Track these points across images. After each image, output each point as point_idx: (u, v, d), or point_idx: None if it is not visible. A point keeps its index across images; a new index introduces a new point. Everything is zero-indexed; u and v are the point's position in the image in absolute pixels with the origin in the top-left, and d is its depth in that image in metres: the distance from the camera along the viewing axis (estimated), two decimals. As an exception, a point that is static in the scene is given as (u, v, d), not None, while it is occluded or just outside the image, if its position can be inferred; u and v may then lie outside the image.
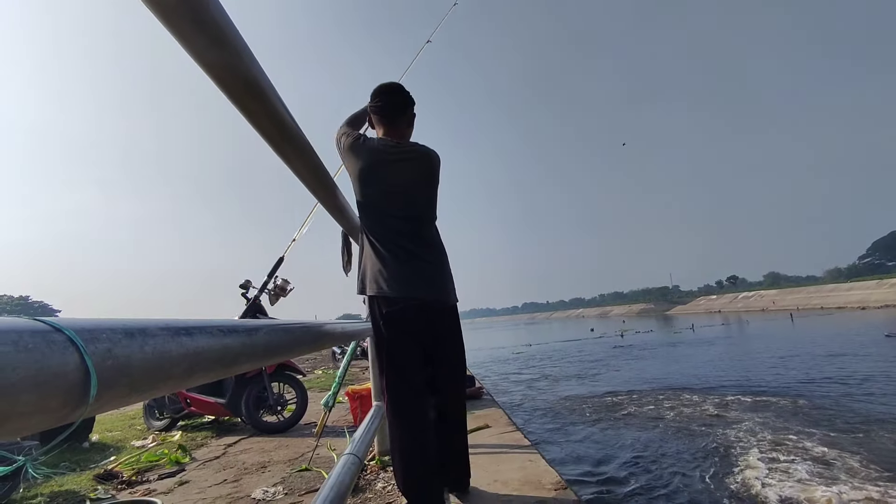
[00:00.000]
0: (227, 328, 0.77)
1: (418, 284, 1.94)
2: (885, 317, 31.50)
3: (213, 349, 0.69)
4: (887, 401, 8.28)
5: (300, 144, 1.32)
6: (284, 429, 4.03)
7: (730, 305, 79.86)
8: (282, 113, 1.15)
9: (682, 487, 4.79)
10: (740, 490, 4.63)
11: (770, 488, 4.55)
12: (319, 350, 1.68)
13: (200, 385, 4.13)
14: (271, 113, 1.10)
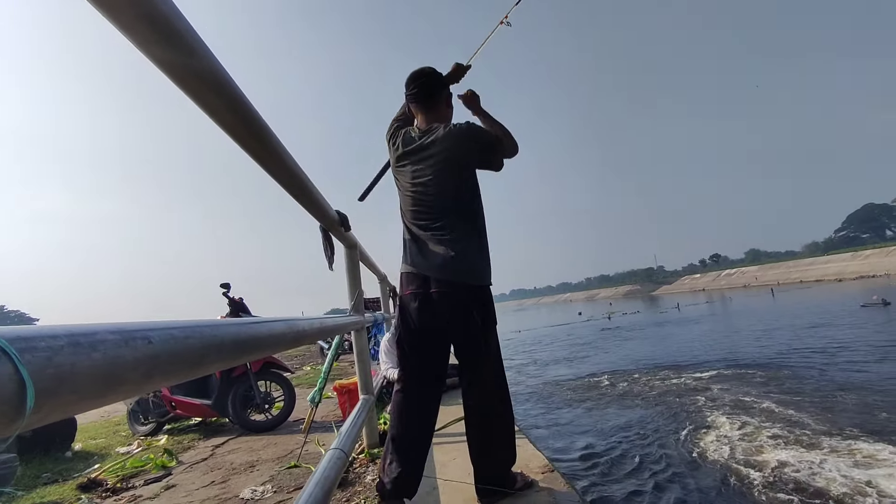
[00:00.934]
0: (188, 329, 0.74)
1: (418, 263, 1.99)
2: (860, 287, 32.40)
3: (174, 351, 0.67)
4: (863, 367, 8.61)
5: (266, 139, 1.29)
6: (273, 427, 4.01)
7: (713, 283, 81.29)
8: (245, 108, 1.12)
9: (663, 463, 4.97)
10: (710, 456, 4.94)
11: (734, 451, 4.94)
12: (296, 347, 1.66)
13: (185, 387, 4.10)
14: (233, 108, 1.07)
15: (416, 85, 2.04)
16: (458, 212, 1.98)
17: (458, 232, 1.95)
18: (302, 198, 1.86)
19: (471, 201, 2.02)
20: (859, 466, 4.21)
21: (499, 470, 1.99)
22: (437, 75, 2.08)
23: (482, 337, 1.96)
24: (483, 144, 2.00)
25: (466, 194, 2.01)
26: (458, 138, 1.95)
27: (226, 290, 4.23)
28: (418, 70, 2.07)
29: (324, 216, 2.20)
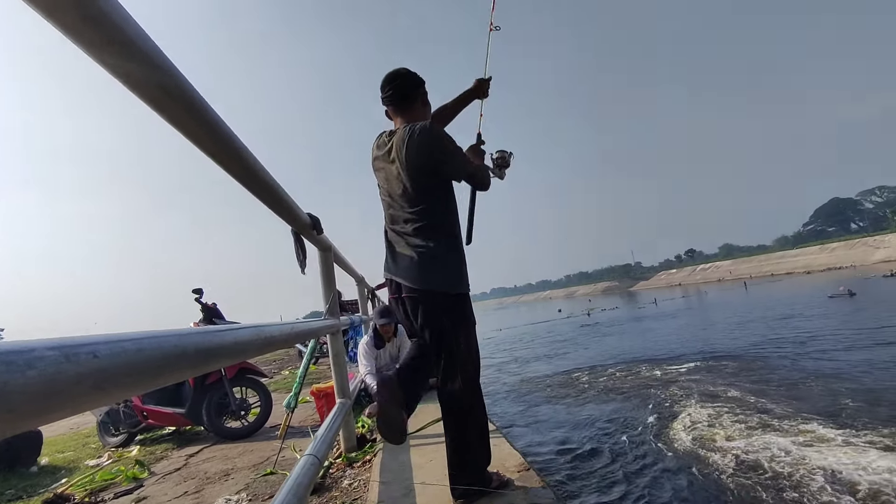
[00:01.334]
0: (142, 340, 0.72)
1: (390, 268, 2.03)
2: (827, 279, 33.44)
3: (125, 365, 0.65)
4: (833, 356, 8.91)
5: (225, 140, 1.26)
6: (249, 434, 3.94)
7: (689, 278, 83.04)
8: (205, 113, 1.10)
9: (633, 454, 5.15)
10: (679, 445, 5.17)
11: (702, 438, 5.20)
12: (263, 354, 1.62)
13: (157, 396, 4.01)
14: (193, 115, 1.05)
15: (390, 87, 2.03)
16: (427, 217, 1.95)
17: (426, 238, 1.93)
18: (269, 201, 1.83)
19: (440, 205, 1.98)
20: (808, 446, 4.55)
21: (474, 469, 1.99)
22: (412, 76, 2.06)
23: (454, 338, 1.95)
24: (438, 150, 1.93)
25: (435, 198, 1.97)
26: (412, 140, 1.92)
27: (198, 295, 4.14)
28: (392, 72, 2.06)
29: (294, 219, 2.17)
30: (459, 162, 1.99)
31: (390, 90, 2.03)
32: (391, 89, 2.03)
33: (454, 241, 2.01)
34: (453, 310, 1.95)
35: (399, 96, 2.03)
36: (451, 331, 1.95)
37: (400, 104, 2.04)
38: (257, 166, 1.56)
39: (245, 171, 1.49)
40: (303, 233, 2.42)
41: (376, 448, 3.02)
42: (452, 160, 1.97)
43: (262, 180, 1.64)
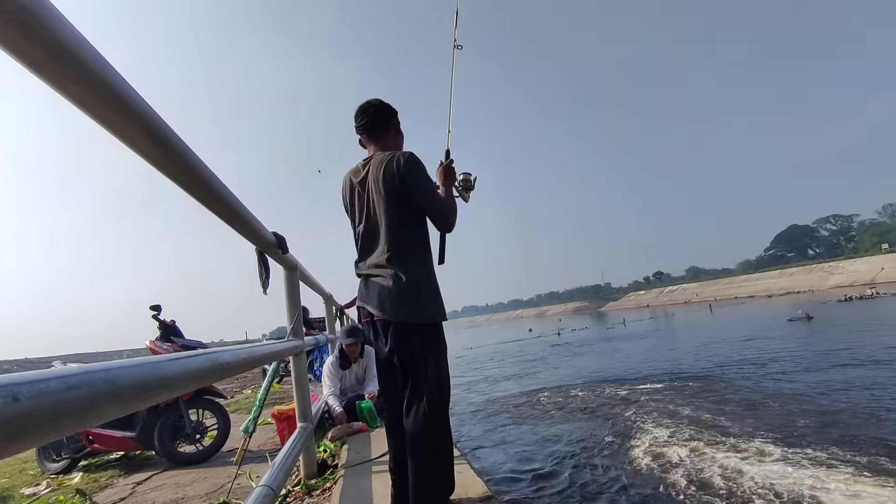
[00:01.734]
0: (69, 378, 0.66)
1: (363, 297, 2.04)
2: (787, 303, 34.70)
3: (50, 407, 0.59)
4: (791, 377, 9.23)
5: (181, 156, 1.21)
6: (204, 459, 3.76)
7: (657, 300, 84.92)
8: (158, 128, 1.05)
9: (592, 475, 5.25)
10: (640, 465, 5.31)
11: (661, 458, 5.38)
12: (215, 381, 1.55)
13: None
14: (144, 130, 0.99)
15: (364, 117, 2.10)
16: (401, 246, 1.95)
17: (399, 267, 1.92)
18: (232, 220, 1.77)
19: (414, 234, 1.98)
20: (757, 464, 4.82)
21: (437, 499, 1.94)
22: (384, 106, 2.12)
23: (422, 363, 1.93)
24: (416, 181, 1.94)
25: (409, 226, 1.97)
26: (391, 166, 1.94)
27: (156, 312, 3.97)
28: (365, 102, 2.12)
29: (258, 239, 2.11)
30: (432, 198, 1.99)
31: (364, 119, 2.09)
32: (365, 118, 2.09)
33: (428, 270, 2.01)
34: (424, 336, 1.94)
35: (372, 125, 2.09)
36: (421, 355, 1.93)
37: (373, 133, 2.10)
38: (218, 184, 1.51)
39: (204, 189, 1.44)
40: (267, 252, 2.36)
41: (337, 475, 2.91)
42: (425, 194, 1.96)
43: (223, 199, 1.59)
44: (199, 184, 1.40)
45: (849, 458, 4.80)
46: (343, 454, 3.36)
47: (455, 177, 2.19)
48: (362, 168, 2.07)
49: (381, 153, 2.03)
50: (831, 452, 4.98)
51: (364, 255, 2.04)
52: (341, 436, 3.78)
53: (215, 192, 1.51)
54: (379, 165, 1.97)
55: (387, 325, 1.97)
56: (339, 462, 3.20)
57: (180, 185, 1.32)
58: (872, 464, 4.57)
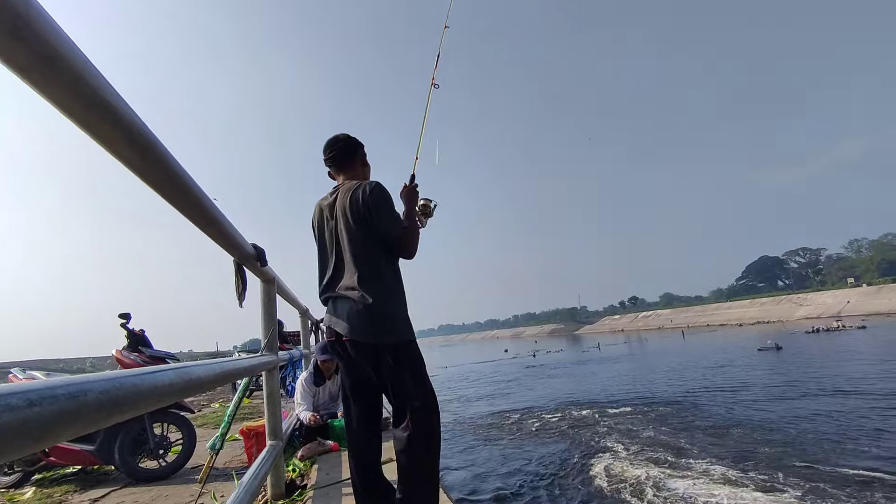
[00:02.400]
0: (27, 394, 0.63)
1: (332, 319, 2.06)
2: (757, 332, 35.49)
3: (9, 425, 0.56)
4: (760, 406, 9.46)
5: (162, 163, 1.18)
6: (167, 476, 3.60)
7: (631, 325, 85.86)
8: (140, 134, 1.02)
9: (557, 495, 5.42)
10: (605, 488, 5.55)
11: (624, 480, 5.66)
12: (187, 397, 1.49)
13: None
14: (128, 135, 0.97)
15: (332, 150, 2.21)
16: (367, 268, 1.99)
17: (368, 290, 1.95)
18: (210, 230, 1.74)
19: (380, 257, 2.02)
20: (715, 488, 5.15)
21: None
22: (351, 139, 2.25)
23: (399, 382, 1.94)
24: (383, 209, 2.02)
25: (374, 250, 2.02)
26: (359, 194, 2.02)
27: (125, 320, 3.84)
28: (333, 137, 2.25)
29: (237, 250, 2.07)
30: (395, 225, 2.04)
31: (332, 153, 2.21)
32: (333, 152, 2.21)
33: (397, 292, 2.05)
34: (397, 355, 1.95)
35: (340, 158, 2.21)
36: (397, 374, 1.94)
37: (341, 164, 2.22)
38: (198, 191, 1.48)
39: (183, 196, 1.41)
40: (246, 264, 2.32)
41: (306, 496, 2.83)
42: (389, 221, 2.02)
43: (202, 207, 1.56)
44: (180, 193, 1.37)
45: (793, 482, 5.12)
46: (313, 474, 3.27)
47: (417, 199, 2.26)
48: (331, 197, 2.16)
49: (349, 182, 2.14)
50: (784, 479, 5.26)
51: (333, 281, 2.07)
52: (311, 455, 3.68)
53: (197, 202, 1.48)
54: (347, 193, 2.06)
55: (356, 346, 1.99)
56: (309, 483, 3.11)
57: (161, 194, 1.29)
58: (818, 490, 4.87)
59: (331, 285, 2.07)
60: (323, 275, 2.13)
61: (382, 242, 2.03)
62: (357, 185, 2.06)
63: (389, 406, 2.08)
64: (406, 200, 2.21)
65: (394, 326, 1.96)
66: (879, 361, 14.21)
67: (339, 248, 2.06)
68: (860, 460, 5.76)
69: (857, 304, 48.80)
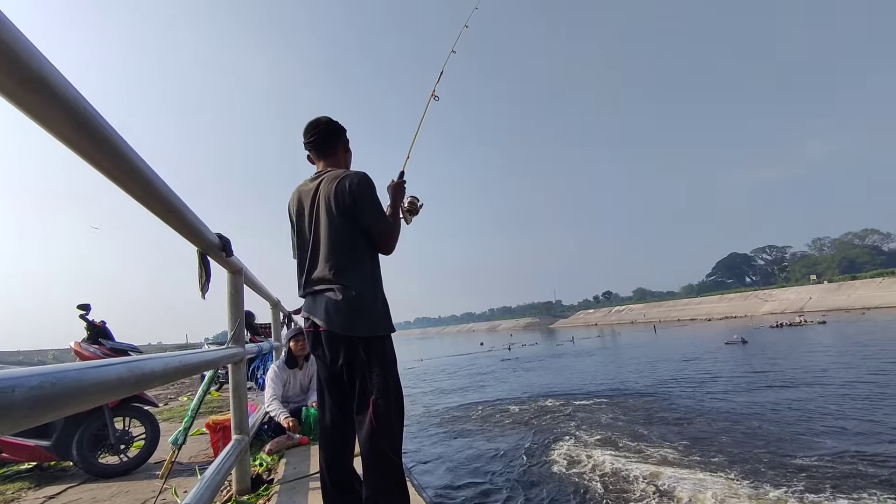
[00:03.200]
0: None
1: (310, 309, 2.03)
2: (725, 326, 36.56)
3: None
4: (724, 397, 9.79)
5: (116, 151, 1.12)
6: (128, 471, 3.49)
7: (605, 319, 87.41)
8: (84, 115, 0.96)
9: (532, 497, 5.42)
10: (572, 476, 5.75)
11: (590, 468, 5.87)
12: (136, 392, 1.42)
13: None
14: (68, 116, 0.91)
15: (312, 133, 2.13)
16: (349, 260, 1.96)
17: (347, 282, 1.93)
18: (170, 218, 1.67)
19: (360, 249, 1.99)
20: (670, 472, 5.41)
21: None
22: (333, 123, 2.16)
23: (368, 373, 1.92)
24: (368, 200, 1.97)
25: (358, 242, 1.98)
26: (345, 183, 1.96)
27: (84, 311, 3.70)
28: (314, 120, 2.16)
29: (200, 240, 2.00)
30: (379, 220, 2.00)
31: (312, 136, 2.12)
32: (313, 135, 2.12)
33: (377, 284, 2.02)
34: (371, 349, 1.94)
35: (321, 142, 2.13)
36: (367, 368, 1.92)
37: (322, 149, 2.14)
38: (156, 179, 1.42)
39: (140, 183, 1.35)
40: (210, 254, 2.24)
41: (272, 490, 2.78)
42: (374, 214, 1.98)
43: (160, 195, 1.49)
44: (133, 179, 1.31)
45: (748, 468, 5.38)
46: (280, 469, 3.22)
47: (403, 195, 2.25)
48: (312, 183, 2.08)
49: (333, 170, 2.07)
50: (739, 463, 5.57)
51: (311, 270, 2.02)
52: (279, 449, 3.63)
53: (153, 189, 1.42)
54: (332, 181, 1.99)
55: (332, 337, 1.96)
56: (276, 477, 3.06)
57: (113, 179, 1.23)
58: (765, 476, 5.11)
59: (310, 275, 2.02)
60: (301, 263, 2.07)
61: (364, 235, 1.99)
62: (344, 174, 2.00)
63: None
64: (393, 195, 2.20)
65: (370, 320, 1.94)
66: (838, 354, 14.79)
67: (318, 237, 2.00)
68: (815, 446, 6.04)
69: (819, 300, 50.71)
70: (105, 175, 1.20)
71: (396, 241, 2.09)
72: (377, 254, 2.07)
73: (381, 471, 1.90)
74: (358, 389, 1.94)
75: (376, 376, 1.92)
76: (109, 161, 1.16)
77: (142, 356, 1.36)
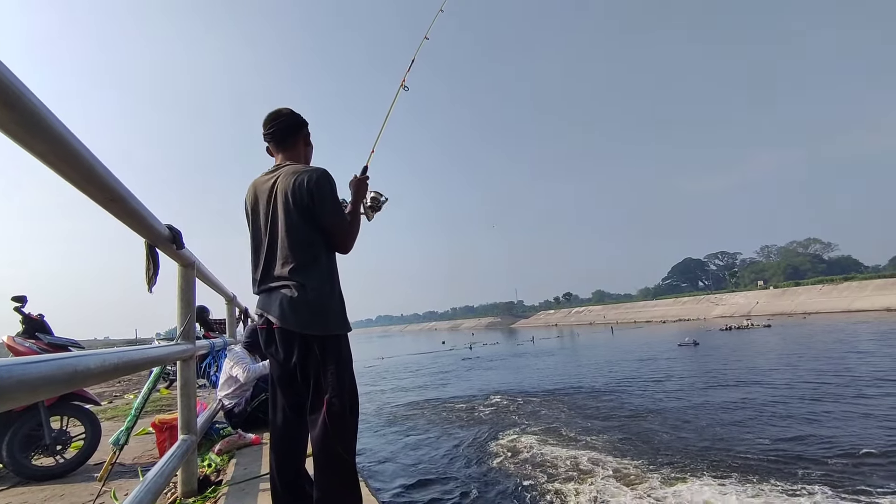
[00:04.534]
0: None
1: (264, 306, 1.99)
2: (678, 329, 37.90)
3: None
4: (675, 394, 10.25)
5: (50, 132, 1.05)
6: (64, 473, 3.30)
7: (565, 319, 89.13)
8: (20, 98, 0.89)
9: (472, 480, 5.74)
10: (518, 470, 5.93)
11: (534, 464, 6.04)
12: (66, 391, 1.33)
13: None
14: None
15: (272, 125, 2.07)
16: (303, 256, 1.91)
17: (303, 279, 1.89)
18: (113, 207, 1.58)
19: (317, 246, 1.94)
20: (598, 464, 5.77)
21: None
22: (294, 115, 2.11)
23: (322, 371, 1.89)
24: (328, 198, 1.92)
25: (311, 239, 1.93)
26: (298, 179, 1.92)
27: (19, 304, 3.48)
28: (275, 111, 2.10)
29: (148, 231, 1.91)
30: (337, 218, 1.97)
31: (272, 128, 2.07)
32: (273, 127, 2.06)
33: (333, 282, 1.98)
34: (326, 347, 1.90)
35: (281, 134, 2.07)
36: (322, 366, 1.89)
37: (282, 142, 2.08)
38: (99, 169, 1.34)
39: (79, 168, 1.27)
40: (159, 246, 2.15)
41: (219, 493, 2.69)
42: (332, 212, 1.94)
43: (102, 182, 1.41)
44: (72, 165, 1.23)
45: (684, 462, 5.70)
46: (230, 470, 3.12)
47: (366, 191, 2.21)
48: (269, 177, 2.02)
49: (292, 164, 2.02)
50: (679, 458, 5.90)
51: (267, 267, 1.97)
52: (230, 448, 3.52)
53: (94, 175, 1.34)
54: (289, 176, 1.94)
55: (286, 334, 1.91)
56: (225, 478, 2.96)
57: (49, 164, 1.16)
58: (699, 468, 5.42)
59: (265, 272, 1.97)
60: (256, 260, 2.02)
61: (321, 233, 1.95)
62: (303, 170, 1.95)
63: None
64: (354, 192, 2.16)
65: (325, 318, 1.91)
66: (779, 356, 15.60)
67: (274, 234, 1.95)
68: (758, 436, 6.52)
69: (765, 305, 53.23)
70: (40, 160, 1.12)
71: (354, 241, 2.06)
72: (334, 253, 2.03)
73: (334, 471, 1.87)
74: (312, 388, 1.90)
75: (331, 375, 1.89)
76: (44, 144, 1.09)
77: (77, 352, 1.28)
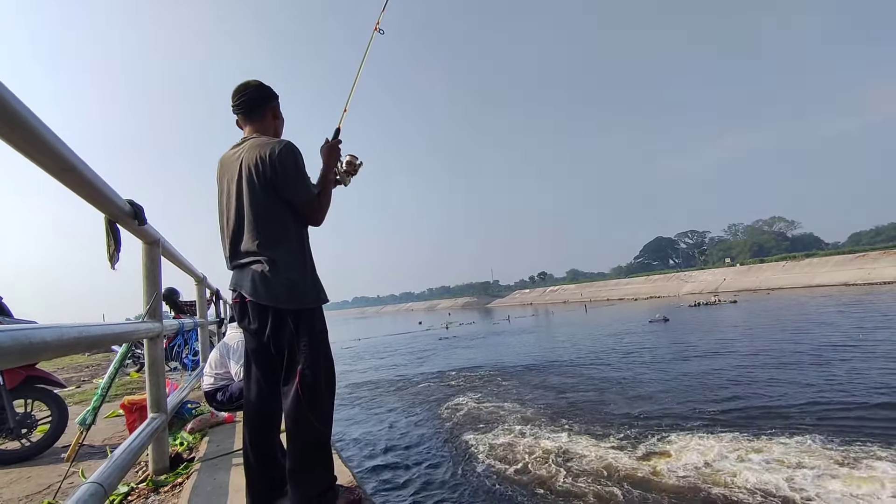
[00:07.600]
0: None
1: (236, 281, 1.97)
2: (649, 306, 38.94)
3: None
4: (644, 368, 10.61)
5: None
6: (30, 456, 3.24)
7: (540, 298, 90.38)
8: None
9: (441, 458, 5.87)
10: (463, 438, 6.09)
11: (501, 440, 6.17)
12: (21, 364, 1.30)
13: None
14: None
15: (241, 96, 2.02)
16: (272, 230, 1.88)
17: (274, 253, 1.86)
18: (66, 177, 1.52)
19: (285, 218, 1.91)
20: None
21: (314, 485, 1.87)
22: (264, 88, 2.05)
23: (296, 343, 1.88)
24: (291, 171, 1.88)
25: (279, 212, 1.90)
26: (261, 152, 1.87)
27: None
28: (244, 82, 2.04)
29: (106, 205, 1.86)
30: (303, 190, 1.93)
31: (241, 98, 2.02)
32: (241, 97, 2.02)
33: (304, 254, 1.96)
34: (299, 320, 1.89)
35: (249, 106, 2.02)
36: (295, 339, 1.88)
37: (250, 114, 2.04)
38: (47, 136, 1.29)
39: (29, 143, 1.22)
40: (119, 221, 2.09)
41: (191, 469, 2.69)
42: (297, 185, 1.90)
43: (54, 152, 1.36)
44: (13, 128, 1.18)
45: (646, 426, 6.11)
46: (202, 447, 3.12)
47: (338, 157, 2.14)
48: (236, 151, 1.98)
49: (257, 137, 1.97)
50: (641, 425, 6.26)
51: (235, 242, 1.94)
52: (202, 427, 3.50)
53: (40, 142, 1.28)
54: (253, 149, 1.90)
55: (258, 308, 1.90)
56: (197, 455, 2.96)
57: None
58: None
59: (235, 248, 1.94)
60: (224, 235, 1.99)
61: (289, 205, 1.92)
62: (266, 142, 1.91)
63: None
64: (325, 158, 2.08)
65: (297, 292, 1.89)
66: (745, 329, 16.24)
67: (241, 209, 1.91)
68: (725, 400, 7.08)
69: (732, 282, 54.94)
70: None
71: (326, 212, 2.02)
72: (304, 225, 2.00)
73: (306, 440, 1.86)
74: (286, 360, 1.90)
75: (304, 346, 1.88)
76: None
77: (34, 325, 1.26)
